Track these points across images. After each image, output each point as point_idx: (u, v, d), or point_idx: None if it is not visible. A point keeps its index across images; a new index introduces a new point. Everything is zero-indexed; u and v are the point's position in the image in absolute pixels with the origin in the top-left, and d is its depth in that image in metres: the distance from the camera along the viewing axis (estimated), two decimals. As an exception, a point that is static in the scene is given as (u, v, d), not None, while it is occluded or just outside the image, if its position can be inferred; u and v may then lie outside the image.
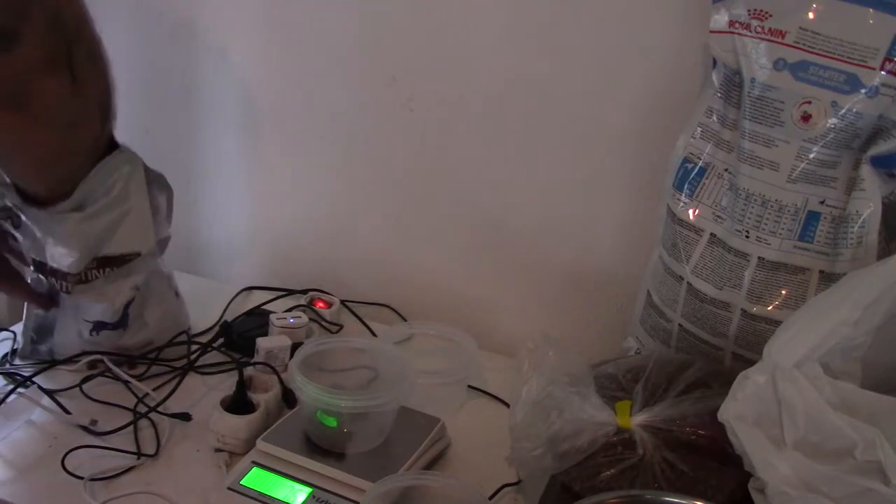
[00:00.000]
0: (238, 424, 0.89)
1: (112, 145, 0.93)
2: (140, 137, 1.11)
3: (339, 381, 0.92)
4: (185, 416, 0.94)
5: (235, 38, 1.20)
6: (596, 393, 0.79)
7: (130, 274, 0.99)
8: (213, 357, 1.06)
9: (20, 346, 1.04)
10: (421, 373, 0.92)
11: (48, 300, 0.99)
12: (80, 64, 0.80)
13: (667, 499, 0.69)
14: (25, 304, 1.03)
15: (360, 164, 1.21)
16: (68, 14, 0.77)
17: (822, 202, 0.83)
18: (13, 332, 1.07)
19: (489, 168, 1.13)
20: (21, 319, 1.12)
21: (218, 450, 0.89)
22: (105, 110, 0.88)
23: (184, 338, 1.06)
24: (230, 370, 1.02)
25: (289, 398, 0.96)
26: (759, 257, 0.86)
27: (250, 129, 1.24)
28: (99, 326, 1.00)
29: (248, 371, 0.98)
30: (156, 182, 0.99)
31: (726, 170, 0.89)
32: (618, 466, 0.75)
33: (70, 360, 1.01)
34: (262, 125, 1.24)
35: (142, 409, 0.94)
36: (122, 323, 1.01)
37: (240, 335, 1.09)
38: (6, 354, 1.04)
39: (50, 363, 1.01)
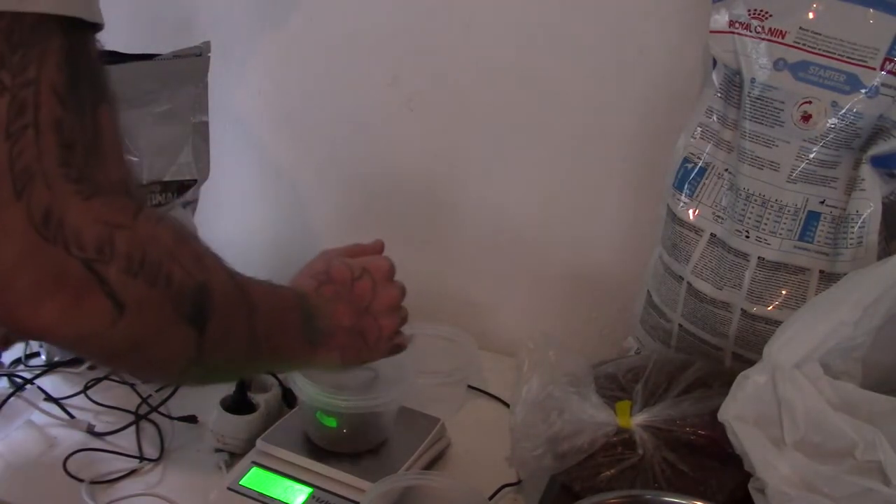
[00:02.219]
0: (238, 424, 0.89)
1: None
2: (140, 137, 1.11)
3: (339, 381, 0.92)
4: (192, 419, 0.94)
5: (235, 39, 1.20)
6: (596, 393, 0.79)
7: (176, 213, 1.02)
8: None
9: (44, 348, 1.03)
10: (421, 373, 0.92)
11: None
12: None
13: (667, 499, 0.69)
14: None
15: (360, 164, 1.21)
16: None
17: (822, 202, 0.83)
18: None
19: (489, 168, 1.13)
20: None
21: (218, 450, 0.89)
22: None
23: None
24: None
25: (289, 398, 0.96)
26: (759, 257, 0.86)
27: (250, 128, 1.24)
28: None
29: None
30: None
31: (726, 170, 0.89)
32: (618, 466, 0.75)
33: (72, 362, 1.01)
34: (262, 125, 1.24)
35: (143, 410, 0.94)
36: None
37: (240, 335, 1.09)
38: (18, 359, 1.03)
39: (50, 366, 1.01)
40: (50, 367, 1.01)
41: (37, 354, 1.04)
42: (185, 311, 0.54)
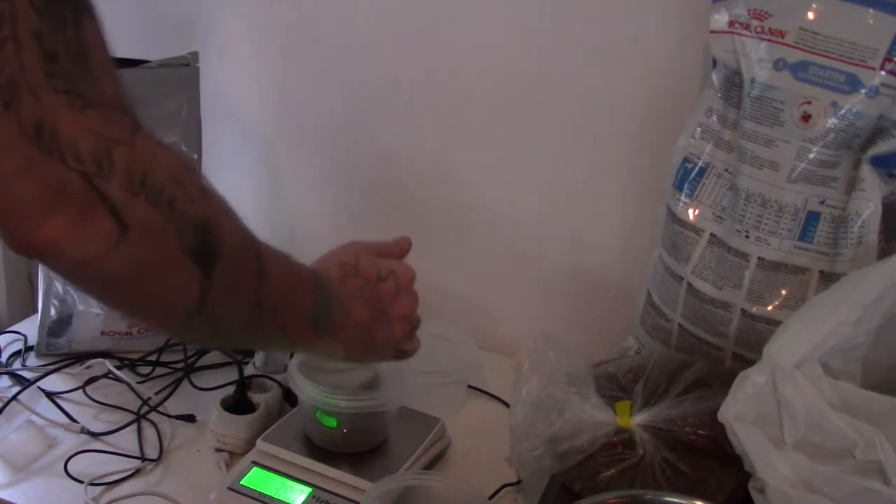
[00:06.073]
0: (238, 424, 0.89)
1: None
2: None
3: (339, 381, 0.92)
4: (190, 418, 0.94)
5: (235, 38, 1.20)
6: (596, 393, 0.79)
7: None
8: (213, 357, 1.06)
9: (36, 343, 1.04)
10: (421, 373, 0.92)
11: None
12: None
13: (667, 499, 0.69)
14: (40, 300, 1.03)
15: (360, 164, 1.21)
16: None
17: (822, 202, 0.83)
18: (23, 334, 1.07)
19: (489, 168, 1.13)
20: (21, 319, 1.12)
21: (218, 450, 0.89)
22: None
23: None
24: (231, 383, 1.00)
25: (289, 398, 0.96)
26: (759, 257, 0.86)
27: (250, 128, 1.24)
28: None
29: (248, 371, 0.98)
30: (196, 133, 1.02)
31: (726, 170, 0.89)
32: (618, 466, 0.75)
33: (75, 362, 1.01)
34: (261, 124, 1.24)
35: (143, 411, 0.94)
36: None
37: (240, 335, 1.09)
38: (18, 352, 1.03)
39: (54, 365, 1.01)
40: (58, 365, 1.00)
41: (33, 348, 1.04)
42: (189, 243, 0.51)
